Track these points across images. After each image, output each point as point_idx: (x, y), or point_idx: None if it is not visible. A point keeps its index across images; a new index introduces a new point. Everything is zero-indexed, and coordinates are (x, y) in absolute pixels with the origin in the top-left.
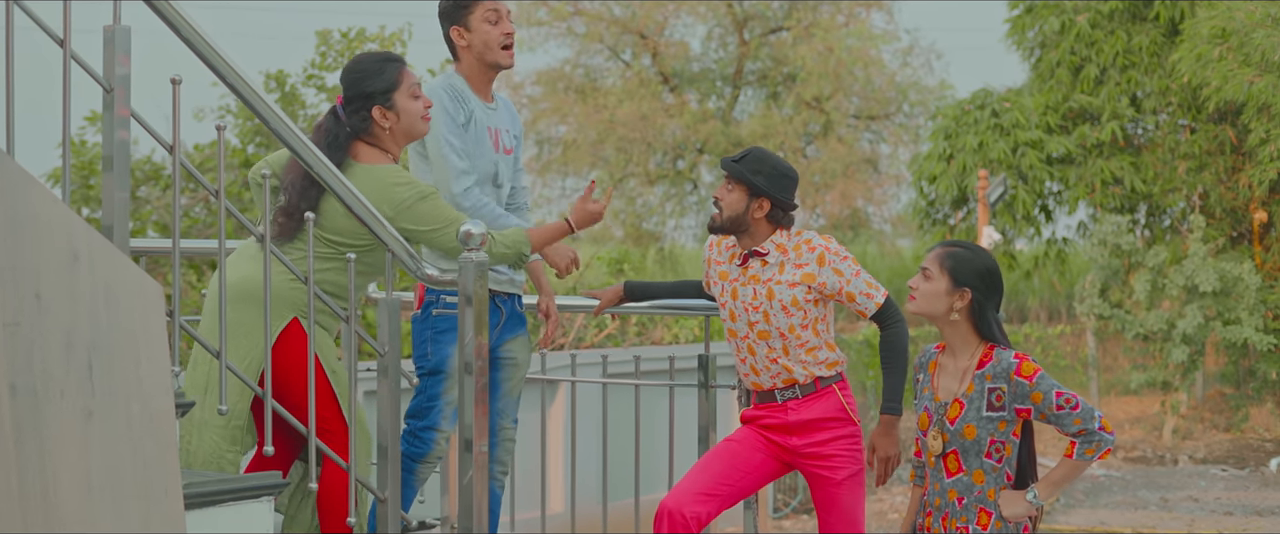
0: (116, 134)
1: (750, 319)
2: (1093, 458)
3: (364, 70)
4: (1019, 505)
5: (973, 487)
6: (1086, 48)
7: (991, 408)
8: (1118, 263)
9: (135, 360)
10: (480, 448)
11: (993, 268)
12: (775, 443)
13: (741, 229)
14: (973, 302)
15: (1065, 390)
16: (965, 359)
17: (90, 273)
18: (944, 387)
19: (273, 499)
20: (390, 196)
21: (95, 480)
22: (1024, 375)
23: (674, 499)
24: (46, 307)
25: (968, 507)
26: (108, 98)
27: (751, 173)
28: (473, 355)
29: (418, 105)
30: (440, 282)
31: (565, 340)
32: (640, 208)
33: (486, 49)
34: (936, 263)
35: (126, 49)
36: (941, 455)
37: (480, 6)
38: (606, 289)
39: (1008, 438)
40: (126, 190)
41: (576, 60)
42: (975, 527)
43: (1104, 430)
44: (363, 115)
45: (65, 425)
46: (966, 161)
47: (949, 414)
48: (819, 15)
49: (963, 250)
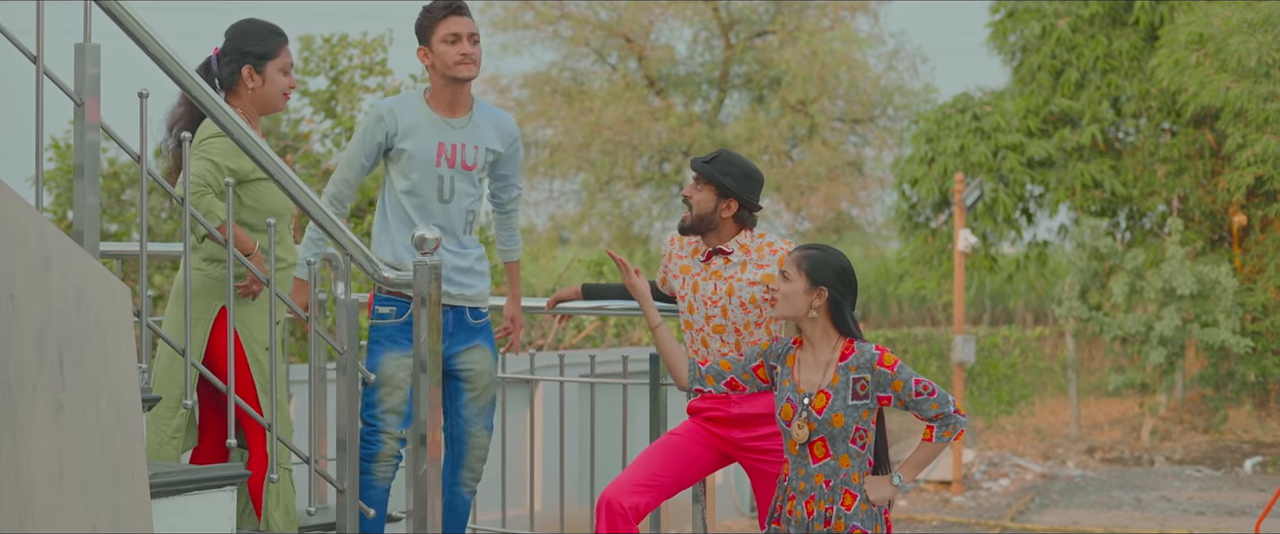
0: (87, 142)
1: (708, 313)
2: (949, 439)
3: (250, 32)
4: (885, 489)
5: (839, 470)
6: (1067, 52)
7: (857, 396)
8: (1097, 266)
9: (104, 357)
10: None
11: (847, 267)
12: (717, 436)
13: (708, 228)
14: (830, 299)
15: (922, 378)
16: (826, 353)
17: (61, 275)
18: (806, 379)
19: (235, 489)
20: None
21: (66, 470)
22: (886, 365)
23: (613, 491)
24: (19, 307)
25: (834, 488)
26: (78, 110)
27: (721, 174)
28: (426, 354)
29: (283, 82)
30: (397, 284)
31: (543, 342)
32: (626, 211)
33: (445, 66)
34: (794, 265)
35: (96, 62)
36: (806, 443)
37: (440, 27)
38: (566, 289)
39: (868, 425)
40: (96, 196)
41: (563, 63)
42: (840, 507)
43: (958, 413)
44: (232, 70)
45: (37, 418)
46: (948, 165)
47: (815, 404)
48: (804, 19)
49: (818, 252)
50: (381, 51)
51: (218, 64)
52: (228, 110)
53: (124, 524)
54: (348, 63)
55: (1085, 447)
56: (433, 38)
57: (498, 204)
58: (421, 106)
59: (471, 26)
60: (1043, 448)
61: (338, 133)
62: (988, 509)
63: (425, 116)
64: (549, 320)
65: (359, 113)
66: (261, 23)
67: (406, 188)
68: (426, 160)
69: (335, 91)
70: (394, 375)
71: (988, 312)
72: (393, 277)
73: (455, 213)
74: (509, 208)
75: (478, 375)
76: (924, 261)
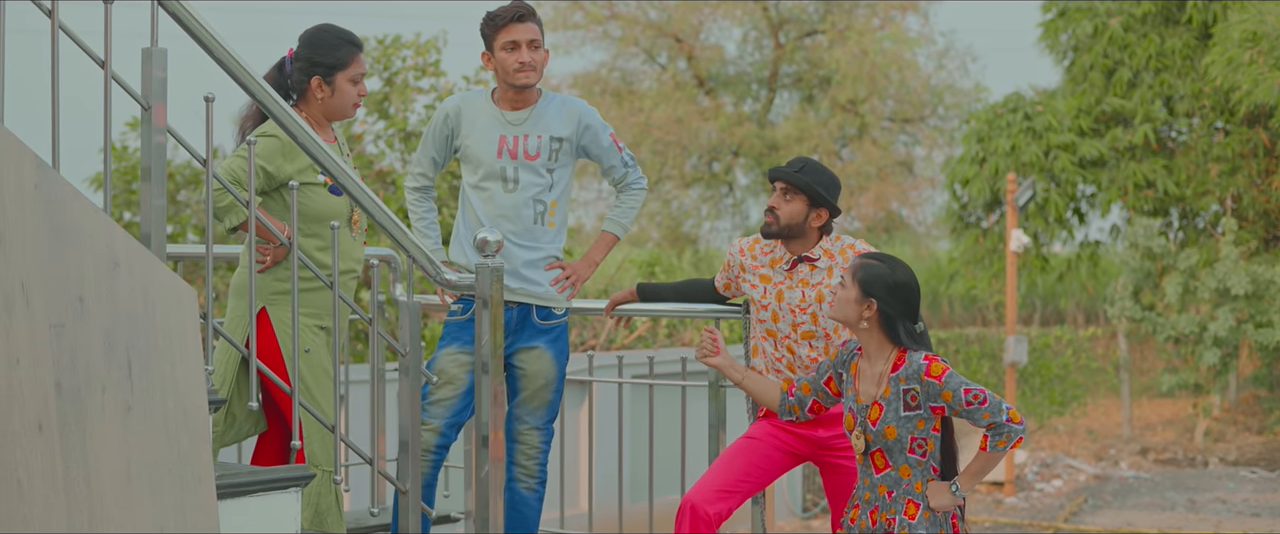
0: (154, 145)
1: (795, 320)
2: (1005, 448)
3: (322, 41)
4: (945, 496)
5: (900, 480)
6: (1119, 51)
7: (908, 408)
8: (1150, 266)
9: (171, 359)
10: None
11: (904, 281)
12: (797, 435)
13: (795, 236)
14: (879, 311)
15: (973, 386)
16: (880, 364)
17: (129, 278)
18: (863, 390)
19: (299, 491)
20: (243, 146)
21: (134, 470)
22: (933, 375)
23: (697, 495)
24: (89, 310)
25: (897, 498)
26: (145, 113)
27: (814, 184)
28: (488, 356)
29: (353, 92)
30: (458, 287)
31: (596, 342)
32: (676, 211)
33: (504, 73)
34: (850, 274)
35: (163, 67)
36: (867, 453)
37: (501, 34)
38: (621, 291)
39: (928, 434)
40: (163, 200)
41: (612, 63)
42: (903, 517)
43: (1012, 421)
44: (302, 79)
45: (106, 420)
46: (999, 164)
47: (870, 416)
48: (854, 18)
49: (877, 263)
50: (435, 53)
51: (290, 66)
52: (293, 114)
53: (191, 525)
54: (401, 64)
55: (1138, 447)
56: (494, 44)
57: (615, 187)
58: (485, 103)
59: (532, 33)
60: (1095, 449)
61: (390, 134)
62: (1040, 510)
63: (487, 112)
64: (601, 322)
65: (412, 114)
66: (335, 31)
67: (473, 182)
68: (488, 154)
69: (389, 93)
70: (446, 369)
71: (1038, 312)
72: (455, 279)
73: (522, 203)
74: (620, 188)
75: (532, 377)
76: (975, 261)
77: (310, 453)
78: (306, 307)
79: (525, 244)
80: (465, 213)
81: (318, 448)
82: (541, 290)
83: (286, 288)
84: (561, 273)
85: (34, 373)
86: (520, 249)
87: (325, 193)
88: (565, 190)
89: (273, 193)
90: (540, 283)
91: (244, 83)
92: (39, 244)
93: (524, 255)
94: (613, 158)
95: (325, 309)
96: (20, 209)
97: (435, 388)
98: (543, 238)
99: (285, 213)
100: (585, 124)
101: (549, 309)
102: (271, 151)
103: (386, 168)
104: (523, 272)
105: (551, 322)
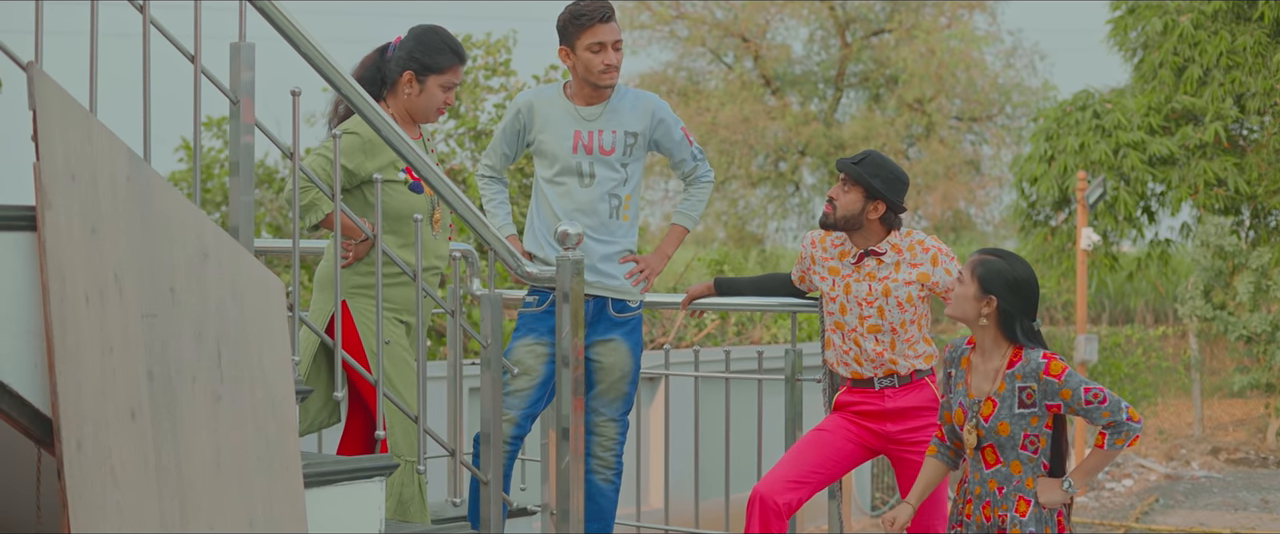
0: (242, 141)
1: (862, 314)
2: (1123, 446)
3: (428, 41)
4: (1055, 493)
5: (1011, 477)
6: (1189, 48)
7: (1023, 405)
8: (1221, 264)
9: (258, 349)
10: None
11: (1022, 277)
12: (868, 429)
13: (854, 228)
14: (999, 308)
15: (1093, 385)
16: (996, 360)
17: (218, 270)
18: (976, 385)
19: (384, 480)
20: (326, 143)
21: (223, 458)
22: (1052, 374)
23: (767, 486)
24: (179, 300)
25: (1007, 496)
26: (234, 108)
27: (870, 175)
28: (569, 350)
29: (440, 97)
30: (539, 279)
31: (666, 339)
32: (742, 210)
33: (588, 74)
34: (969, 270)
35: (251, 63)
36: (978, 448)
37: (586, 35)
38: (698, 285)
39: (1041, 431)
40: (251, 194)
41: (679, 63)
42: (1014, 514)
43: (1131, 420)
44: (396, 70)
45: (196, 408)
46: (1068, 163)
47: (982, 412)
48: (921, 17)
49: (996, 259)
50: (505, 52)
51: (392, 53)
52: (378, 109)
53: (279, 513)
54: (471, 63)
55: (1209, 447)
56: (577, 43)
57: (683, 180)
58: (559, 98)
59: (617, 34)
60: (1166, 448)
61: (461, 133)
62: (1111, 510)
63: (562, 108)
64: (670, 319)
65: (482, 113)
66: (444, 37)
67: (548, 176)
68: (563, 150)
69: (459, 92)
70: (523, 360)
71: (1107, 311)
72: (536, 271)
73: (598, 197)
74: (689, 180)
75: (608, 369)
76: (1044, 260)
77: (393, 443)
78: (387, 301)
79: (601, 238)
80: (541, 207)
81: (400, 438)
82: (617, 283)
83: (367, 282)
84: (635, 266)
85: (126, 361)
86: (597, 243)
87: (405, 190)
88: (638, 184)
89: (353, 190)
90: (615, 276)
91: (330, 78)
92: (132, 235)
93: (600, 249)
94: (683, 151)
95: (404, 305)
96: (114, 201)
97: (511, 379)
98: (618, 231)
99: (365, 211)
100: (659, 118)
101: (624, 302)
102: (352, 148)
103: (457, 166)
104: (599, 266)
105: (627, 314)
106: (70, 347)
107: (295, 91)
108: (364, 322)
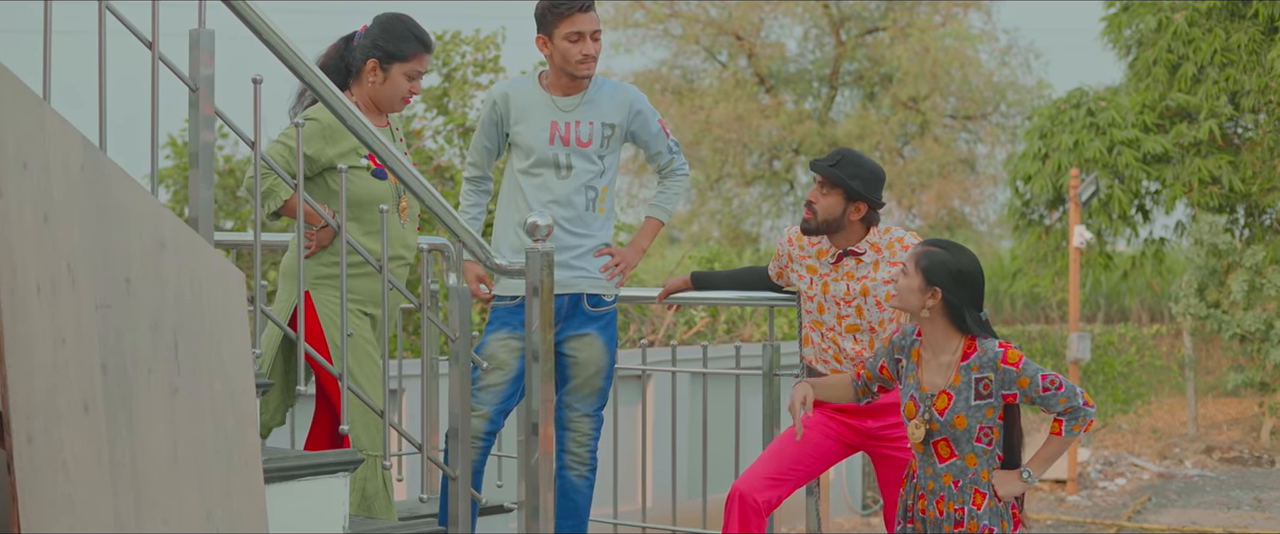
0: (201, 132)
1: (841, 313)
2: (1079, 432)
3: (392, 29)
4: (1014, 484)
5: (966, 470)
6: (1184, 46)
7: (980, 396)
8: (1215, 263)
9: (217, 342)
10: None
11: (968, 269)
12: (848, 426)
13: (836, 230)
14: (944, 300)
15: (1049, 372)
16: (947, 354)
17: (176, 260)
18: (928, 379)
19: (348, 476)
20: (287, 130)
21: (180, 452)
22: (1010, 363)
23: (746, 484)
24: (135, 290)
25: (963, 488)
26: (193, 97)
27: (849, 177)
28: (539, 344)
29: (405, 86)
30: (509, 271)
31: (655, 338)
32: (737, 209)
33: (565, 63)
34: (913, 261)
35: (211, 51)
36: (929, 442)
37: (564, 24)
38: (675, 278)
39: (995, 422)
40: (211, 185)
41: (673, 61)
42: (970, 507)
43: (1087, 405)
44: (361, 58)
45: (152, 400)
46: (1062, 161)
47: (937, 405)
48: (916, 15)
49: (939, 251)
50: (494, 49)
51: (358, 41)
52: (341, 96)
53: (238, 508)
54: (460, 60)
55: (1203, 446)
56: (556, 32)
57: (658, 174)
58: (535, 89)
59: (596, 24)
60: (1159, 447)
61: (449, 129)
62: (1104, 509)
63: (538, 98)
64: (659, 316)
65: (471, 109)
66: (408, 24)
67: (524, 168)
68: (540, 141)
69: (448, 88)
70: (495, 355)
71: (1102, 309)
72: (504, 264)
73: (575, 189)
74: (664, 174)
75: (582, 365)
76: (1038, 259)
77: (355, 438)
78: (351, 292)
79: (578, 231)
80: (515, 198)
81: (362, 432)
82: (592, 277)
83: (330, 273)
84: (611, 260)
85: (80, 353)
86: (573, 236)
87: (368, 176)
88: (614, 176)
89: (315, 178)
90: (590, 270)
91: (290, 63)
92: (85, 224)
93: (575, 242)
94: (660, 144)
95: (368, 296)
96: (67, 189)
97: (484, 374)
98: (594, 224)
99: (327, 198)
100: (636, 110)
101: (599, 296)
102: (312, 134)
103: (445, 163)
104: (572, 261)
105: (602, 308)
106: (21, 338)
107: (257, 79)
108: (327, 314)
